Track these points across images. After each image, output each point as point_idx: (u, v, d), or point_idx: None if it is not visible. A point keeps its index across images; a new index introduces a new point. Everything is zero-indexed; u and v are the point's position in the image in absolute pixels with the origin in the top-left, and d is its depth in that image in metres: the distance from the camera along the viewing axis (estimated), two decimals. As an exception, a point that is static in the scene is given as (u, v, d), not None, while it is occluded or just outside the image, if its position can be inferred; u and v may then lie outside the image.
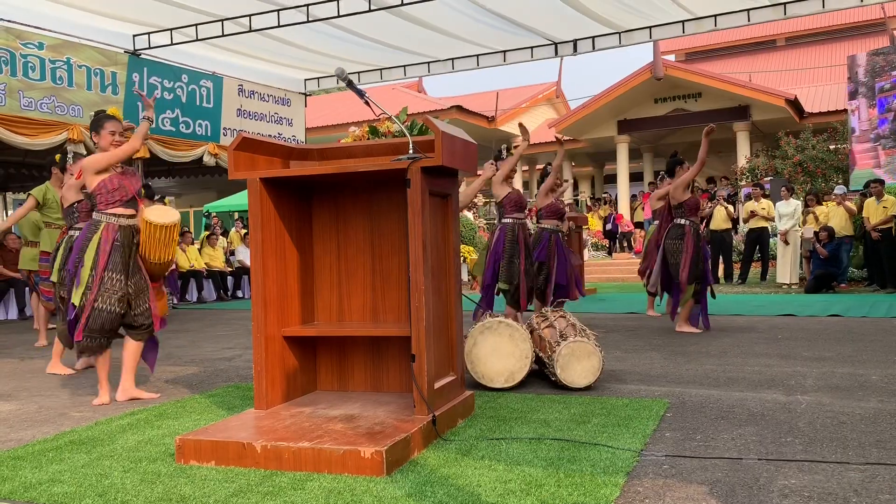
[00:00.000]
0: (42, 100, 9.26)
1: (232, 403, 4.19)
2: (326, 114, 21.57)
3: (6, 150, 10.28)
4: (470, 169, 3.58)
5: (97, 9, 9.20)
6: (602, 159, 24.80)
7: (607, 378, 4.54)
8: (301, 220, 3.80)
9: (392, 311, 3.73)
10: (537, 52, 11.17)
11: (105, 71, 10.09)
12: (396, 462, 2.85)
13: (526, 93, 24.92)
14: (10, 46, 8.95)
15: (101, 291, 4.19)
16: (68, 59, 9.63)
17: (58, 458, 3.14)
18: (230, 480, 2.77)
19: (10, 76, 8.95)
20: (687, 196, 6.55)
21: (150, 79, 10.70)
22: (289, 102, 13.02)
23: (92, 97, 9.88)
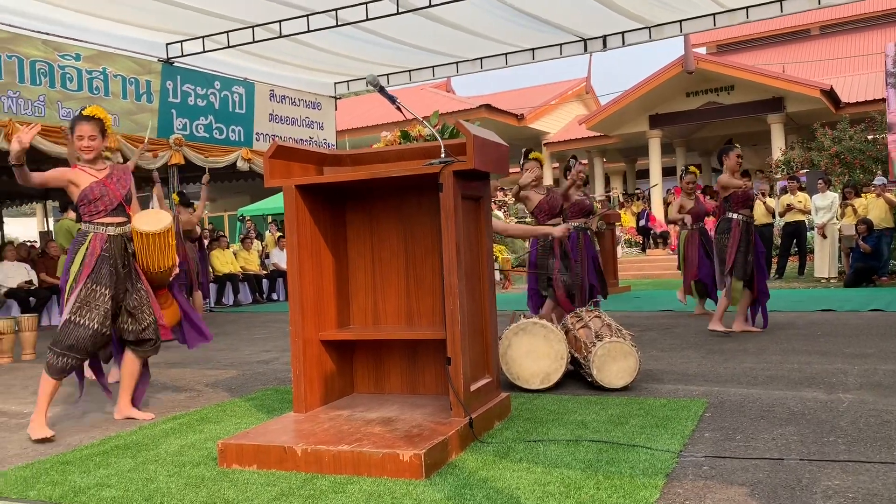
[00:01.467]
0: (80, 110, 9.46)
1: (271, 406, 4.25)
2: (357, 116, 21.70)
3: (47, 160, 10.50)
4: (502, 171, 3.58)
5: (131, 20, 9.38)
6: (634, 155, 24.59)
7: (644, 378, 4.52)
8: (336, 225, 3.85)
9: (426, 314, 3.76)
10: (566, 49, 11.13)
11: (140, 80, 10.28)
12: (435, 465, 2.87)
13: (555, 89, 24.80)
14: (48, 59, 9.17)
15: (82, 304, 3.81)
16: (104, 69, 9.83)
17: (105, 463, 3.22)
18: (272, 484, 2.82)
19: (48, 87, 9.17)
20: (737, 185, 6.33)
21: (183, 86, 10.88)
22: (319, 106, 13.13)
23: (128, 106, 10.08)
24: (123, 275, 3.99)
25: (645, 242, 18.51)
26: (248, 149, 11.82)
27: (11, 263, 10.50)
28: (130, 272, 4.03)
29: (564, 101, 24.56)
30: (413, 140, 4.04)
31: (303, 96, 12.80)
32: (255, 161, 11.84)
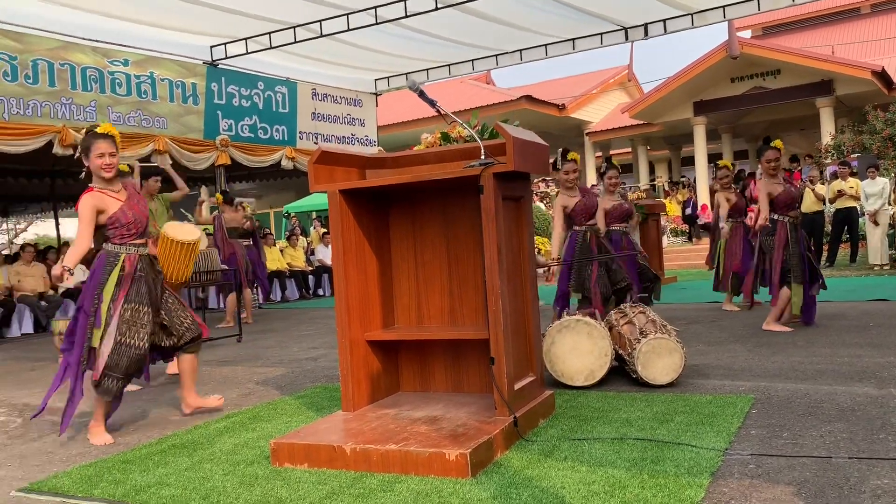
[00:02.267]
0: (129, 114, 9.74)
1: (320, 404, 4.35)
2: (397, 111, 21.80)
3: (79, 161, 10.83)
4: (542, 171, 3.61)
5: (176, 24, 9.60)
6: (678, 142, 24.21)
7: (690, 373, 4.50)
8: (379, 227, 3.91)
9: (469, 314, 3.80)
10: (607, 39, 11.03)
11: (186, 83, 10.51)
12: (480, 464, 2.92)
13: (597, 78, 24.55)
14: (98, 65, 9.44)
15: (129, 325, 3.81)
16: (151, 73, 10.08)
17: (163, 462, 3.35)
18: (323, 482, 2.90)
19: (99, 93, 9.44)
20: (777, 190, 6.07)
21: (227, 87, 11.09)
22: (360, 103, 13.26)
23: (174, 108, 10.32)
24: (157, 291, 4.02)
25: (691, 231, 18.26)
26: (292, 147, 12.01)
27: (68, 264, 10.85)
28: (160, 286, 4.08)
29: (606, 90, 24.30)
30: (453, 141, 4.08)
31: (344, 94, 12.94)
32: (298, 159, 12.03)
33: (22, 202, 17.46)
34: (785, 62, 18.37)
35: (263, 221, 21.50)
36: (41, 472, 3.36)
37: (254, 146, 11.43)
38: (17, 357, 7.66)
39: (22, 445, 3.91)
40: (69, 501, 2.94)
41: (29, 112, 8.74)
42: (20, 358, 7.58)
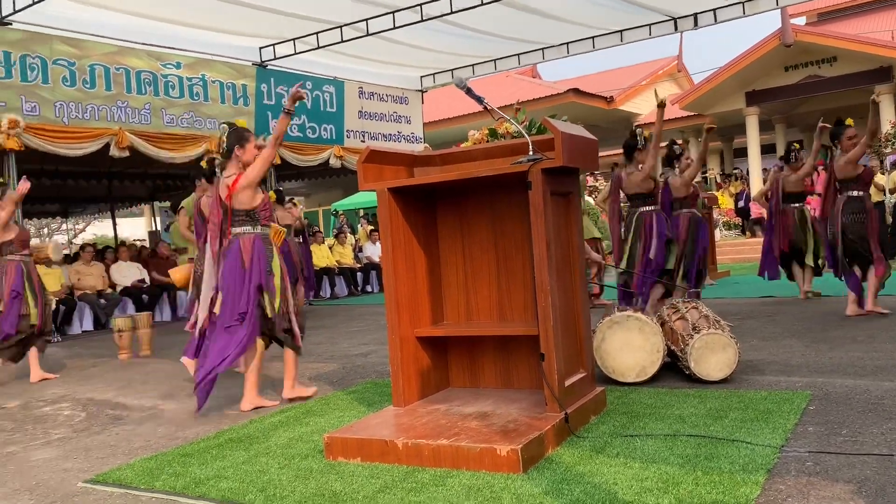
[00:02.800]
0: (182, 116, 9.98)
1: (371, 400, 4.40)
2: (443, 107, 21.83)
3: (153, 164, 11.14)
4: (591, 166, 3.58)
5: (226, 27, 9.79)
6: (730, 133, 23.70)
7: (744, 369, 4.42)
8: (427, 224, 3.94)
9: (518, 310, 3.80)
10: (655, 30, 10.88)
11: (236, 84, 10.72)
12: (531, 459, 2.92)
13: (645, 69, 24.17)
14: (152, 69, 9.70)
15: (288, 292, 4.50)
16: (203, 75, 10.31)
17: (220, 455, 3.43)
18: (376, 476, 2.95)
19: (153, 96, 9.70)
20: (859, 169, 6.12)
21: (276, 88, 11.27)
22: (406, 101, 13.33)
23: (225, 110, 10.54)
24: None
25: (744, 224, 17.87)
26: (340, 146, 12.15)
27: (126, 263, 11.19)
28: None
29: (655, 82, 23.90)
30: (501, 137, 4.07)
31: (390, 92, 13.03)
32: (346, 158, 12.16)
33: (80, 203, 18.03)
34: (841, 49, 17.81)
35: (312, 219, 21.78)
36: (105, 465, 3.48)
37: (302, 145, 11.60)
38: (79, 353, 7.93)
39: (86, 438, 4.05)
40: (132, 493, 3.04)
41: (87, 116, 9.03)
42: (82, 354, 7.84)
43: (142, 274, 11.21)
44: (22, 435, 4.25)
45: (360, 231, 16.79)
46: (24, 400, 5.36)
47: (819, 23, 23.93)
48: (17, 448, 3.95)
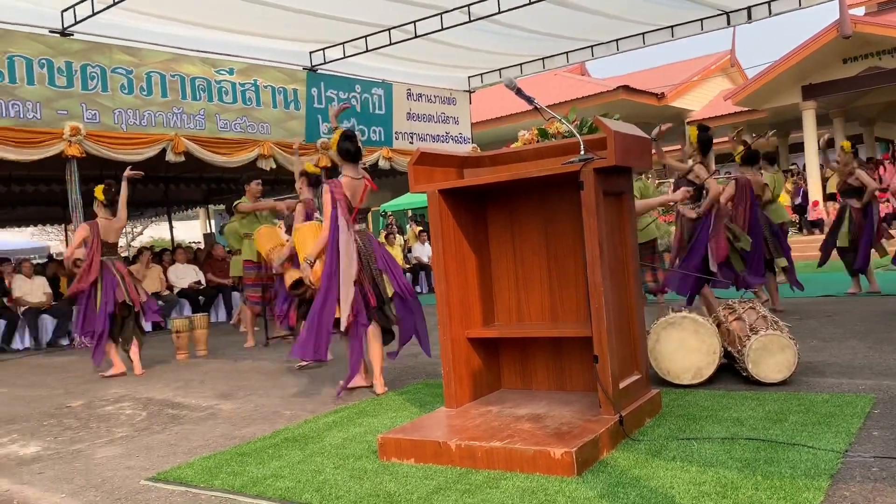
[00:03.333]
0: (235, 121, 10.18)
1: (423, 400, 4.42)
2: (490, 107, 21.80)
3: (207, 168, 11.37)
4: (645, 165, 3.54)
5: (277, 33, 9.96)
6: (786, 128, 23.09)
7: (804, 371, 4.30)
8: (477, 225, 3.94)
9: (571, 311, 3.77)
10: (707, 24, 10.67)
11: (287, 89, 10.88)
12: (586, 462, 2.90)
13: (697, 65, 23.72)
14: (206, 75, 9.92)
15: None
16: (255, 81, 10.49)
17: (277, 455, 3.49)
18: (429, 477, 2.96)
19: (207, 102, 9.91)
20: None
21: (326, 92, 11.41)
22: (454, 101, 13.35)
23: (277, 114, 10.71)
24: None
25: (801, 221, 17.40)
26: (389, 148, 12.23)
27: (182, 265, 11.47)
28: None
29: (707, 77, 23.45)
30: (551, 137, 4.05)
31: (438, 93, 13.06)
32: (395, 159, 12.24)
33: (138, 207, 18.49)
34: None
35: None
36: (166, 463, 3.57)
37: (353, 147, 11.69)
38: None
39: (148, 437, 4.17)
40: (192, 491, 3.11)
41: (144, 122, 9.28)
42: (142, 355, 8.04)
43: (198, 276, 11.46)
44: (87, 433, 4.40)
45: (409, 232, 16.87)
46: (87, 399, 5.54)
47: (879, 12, 23.13)
48: (83, 446, 4.08)
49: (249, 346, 7.85)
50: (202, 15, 9.00)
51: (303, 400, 4.82)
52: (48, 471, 3.62)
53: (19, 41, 8.30)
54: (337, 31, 10.11)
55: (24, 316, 9.77)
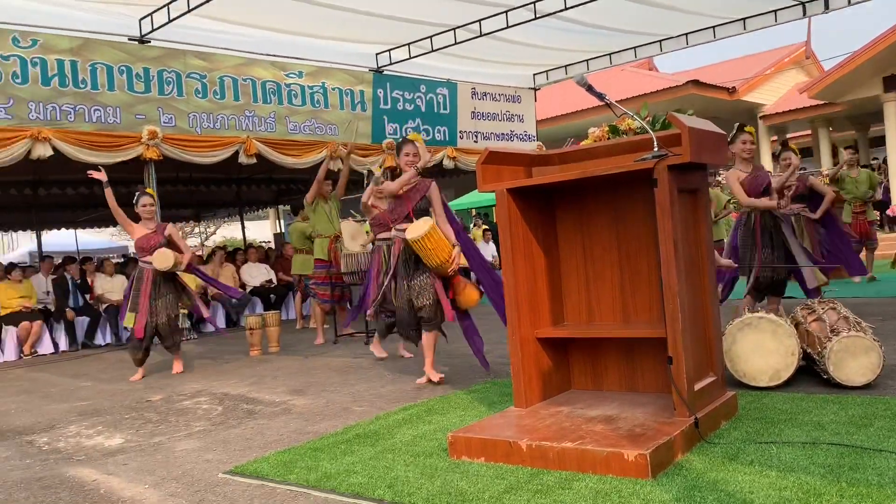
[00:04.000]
0: (304, 123, 10.37)
1: (491, 400, 4.42)
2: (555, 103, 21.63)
3: (277, 170, 11.62)
4: (721, 161, 3.45)
5: (344, 35, 10.10)
6: (866, 121, 22.16)
7: (889, 374, 4.12)
8: (546, 224, 3.91)
9: (643, 311, 3.71)
10: (782, 15, 10.32)
11: (354, 90, 11.03)
12: (660, 465, 2.85)
13: (770, 57, 22.99)
14: (276, 78, 10.13)
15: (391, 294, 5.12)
16: (323, 83, 10.67)
17: (349, 451, 3.55)
18: (500, 477, 2.95)
19: (277, 105, 10.13)
20: None
21: (392, 93, 11.51)
22: (519, 99, 13.28)
23: (344, 116, 10.86)
24: (411, 268, 5.07)
25: (882, 218, 16.66)
26: (453, 147, 12.25)
27: (254, 264, 11.76)
28: (412, 266, 5.06)
29: (781, 70, 22.71)
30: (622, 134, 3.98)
31: (502, 91, 13.02)
32: (459, 159, 12.26)
33: (211, 208, 19.06)
34: None
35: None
36: (242, 457, 3.67)
37: (417, 148, 11.78)
38: (214, 350, 8.41)
39: (224, 431, 4.29)
40: (268, 485, 3.18)
41: (217, 125, 9.54)
42: (216, 351, 8.30)
43: (269, 274, 11.74)
44: (166, 426, 4.55)
45: (474, 231, 16.88)
46: (166, 394, 5.74)
47: (968, -3, 21.93)
48: (163, 439, 4.23)
49: (319, 343, 7.99)
50: (272, 19, 9.20)
51: (372, 397, 4.89)
52: (131, 462, 3.76)
53: (101, 49, 8.66)
54: (403, 31, 10.19)
55: (105, 313, 10.18)
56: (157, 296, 6.57)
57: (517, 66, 12.45)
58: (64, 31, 8.42)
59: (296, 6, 8.71)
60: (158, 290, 6.58)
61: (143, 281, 6.54)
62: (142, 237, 6.59)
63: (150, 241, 6.61)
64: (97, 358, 8.73)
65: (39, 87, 8.16)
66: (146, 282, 6.55)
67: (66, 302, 9.88)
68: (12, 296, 9.41)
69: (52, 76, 8.26)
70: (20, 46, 8.09)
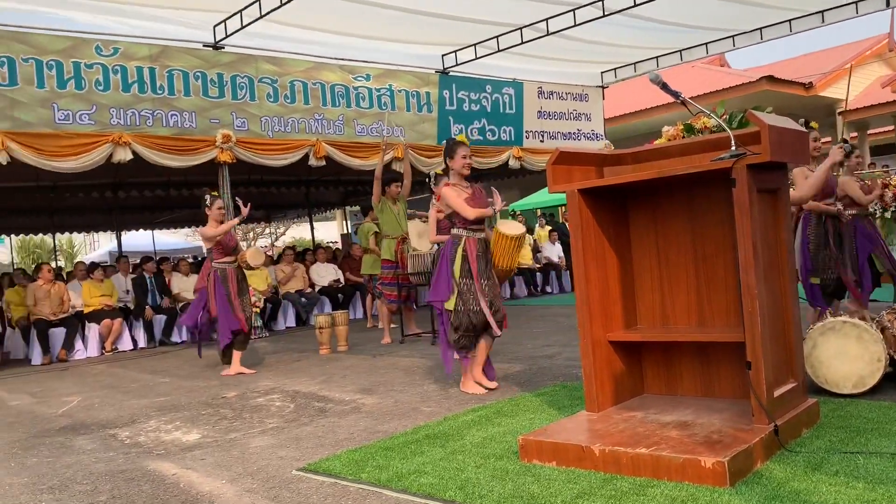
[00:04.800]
0: (372, 125, 10.49)
1: (561, 403, 4.38)
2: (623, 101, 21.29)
3: (344, 171, 11.79)
4: (802, 161, 3.34)
5: (411, 38, 10.18)
6: (953, 116, 21.07)
7: (985, 383, 3.91)
8: (618, 225, 3.85)
9: (720, 314, 3.61)
10: (863, 7, 9.93)
11: (420, 92, 11.11)
12: (739, 473, 2.77)
13: (849, 51, 22.08)
14: (344, 82, 10.29)
15: (468, 295, 4.81)
16: (389, 86, 10.78)
17: (419, 451, 3.56)
18: (573, 482, 2.92)
19: (346, 108, 10.29)
20: None
21: (458, 94, 11.54)
22: (586, 98, 13.14)
23: (410, 118, 10.95)
24: (487, 270, 4.92)
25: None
26: (519, 147, 12.21)
27: (323, 264, 11.96)
28: (489, 267, 4.94)
29: (861, 64, 21.77)
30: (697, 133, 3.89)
31: (569, 90, 12.90)
32: (525, 158, 12.21)
33: (281, 209, 19.48)
34: None
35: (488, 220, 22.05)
36: (314, 454, 3.73)
37: (482, 148, 11.77)
38: (284, 348, 8.59)
39: (296, 429, 4.37)
40: (340, 483, 3.23)
41: (287, 129, 9.76)
42: (287, 349, 8.48)
43: (337, 274, 11.92)
44: (241, 423, 4.67)
45: (538, 231, 16.77)
46: (240, 391, 5.88)
47: None
48: (238, 435, 4.34)
49: (386, 343, 8.07)
50: (340, 23, 9.35)
51: (440, 397, 4.90)
52: (208, 457, 3.87)
53: (177, 56, 8.95)
54: (469, 32, 10.21)
55: (181, 311, 10.52)
56: (241, 293, 6.79)
57: (584, 64, 12.32)
58: (143, 40, 8.75)
59: (363, 9, 8.83)
60: (241, 288, 6.80)
61: (227, 280, 6.72)
62: (224, 238, 6.77)
63: (231, 241, 6.81)
64: (174, 355, 9.03)
65: (120, 94, 8.49)
66: (231, 281, 6.74)
67: (144, 300, 10.25)
68: (95, 294, 9.82)
69: (132, 83, 8.59)
70: (102, 55, 8.44)
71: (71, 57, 8.22)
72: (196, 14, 8.76)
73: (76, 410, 5.61)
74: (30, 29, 8.07)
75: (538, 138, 12.50)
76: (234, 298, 6.68)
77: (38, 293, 9.42)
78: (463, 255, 4.85)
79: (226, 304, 6.66)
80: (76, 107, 8.21)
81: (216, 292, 6.67)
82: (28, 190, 11.96)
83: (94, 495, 3.38)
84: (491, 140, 11.96)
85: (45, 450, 4.37)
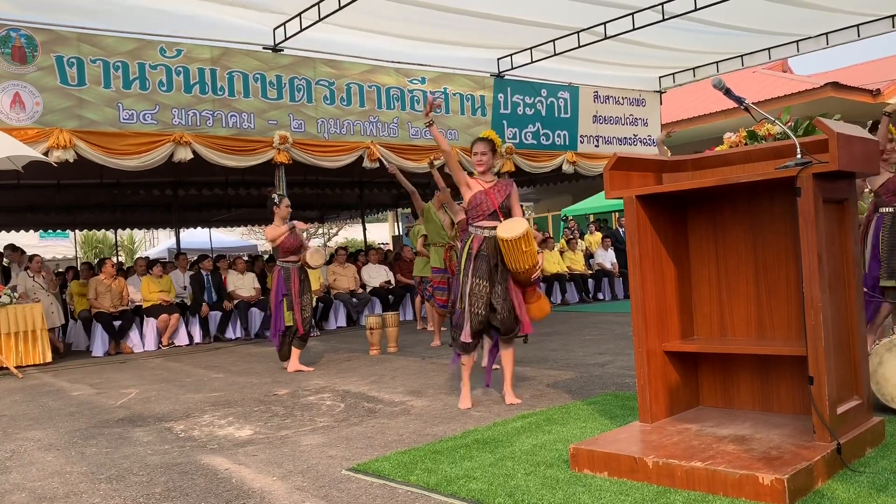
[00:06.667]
0: (425, 128, 10.52)
1: (613, 413, 4.31)
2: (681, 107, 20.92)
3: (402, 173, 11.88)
4: (871, 170, 3.21)
5: (466, 41, 10.19)
6: None
7: None
8: (676, 233, 3.78)
9: (781, 327, 3.51)
10: (937, 11, 9.55)
11: (475, 95, 11.11)
12: (799, 491, 2.68)
13: (919, 56, 21.31)
14: (399, 85, 10.37)
15: (470, 296, 4.62)
16: (445, 89, 10.81)
17: (468, 456, 3.55)
18: (624, 493, 2.87)
19: (400, 111, 10.36)
20: None
21: (513, 97, 11.51)
22: (643, 102, 12.96)
23: (464, 121, 10.96)
24: (494, 270, 4.66)
25: None
26: (573, 152, 12.12)
27: (374, 266, 12.06)
28: (499, 269, 4.67)
29: (932, 69, 20.97)
30: (761, 140, 3.78)
31: (626, 94, 12.75)
32: (579, 163, 12.11)
33: (335, 210, 19.72)
34: None
35: (541, 225, 21.95)
36: (364, 455, 3.75)
37: (535, 152, 11.73)
38: (335, 348, 8.67)
39: (346, 428, 4.40)
40: (389, 485, 3.23)
41: (343, 131, 9.87)
42: (337, 349, 8.56)
43: (388, 276, 11.99)
44: (292, 421, 4.73)
45: (589, 237, 16.59)
46: (292, 389, 5.96)
47: None
48: (289, 432, 4.39)
49: (436, 346, 8.08)
50: (397, 26, 9.41)
51: (488, 402, 4.88)
52: (260, 454, 3.93)
53: (237, 58, 9.14)
54: (525, 36, 10.18)
55: (236, 308, 10.73)
56: (303, 292, 6.89)
57: (642, 68, 12.16)
58: (205, 42, 8.96)
59: (420, 13, 8.88)
60: (304, 287, 6.90)
61: (290, 280, 6.83)
62: (287, 237, 6.86)
63: (295, 241, 6.91)
64: (228, 351, 9.20)
65: (182, 95, 8.72)
66: (294, 280, 6.84)
67: (201, 297, 10.47)
68: (153, 290, 10.08)
69: (193, 84, 8.80)
70: (166, 56, 8.67)
71: (136, 58, 8.47)
72: (257, 16, 8.94)
73: (134, 402, 5.76)
74: (98, 31, 8.33)
75: (593, 143, 12.38)
76: (294, 298, 6.79)
77: (99, 287, 9.72)
78: (468, 252, 4.71)
79: (280, 305, 6.78)
80: (140, 107, 8.45)
81: (276, 290, 6.82)
82: (92, 187, 12.37)
83: (150, 486, 3.46)
84: (545, 144, 11.90)
85: (103, 440, 4.49)
